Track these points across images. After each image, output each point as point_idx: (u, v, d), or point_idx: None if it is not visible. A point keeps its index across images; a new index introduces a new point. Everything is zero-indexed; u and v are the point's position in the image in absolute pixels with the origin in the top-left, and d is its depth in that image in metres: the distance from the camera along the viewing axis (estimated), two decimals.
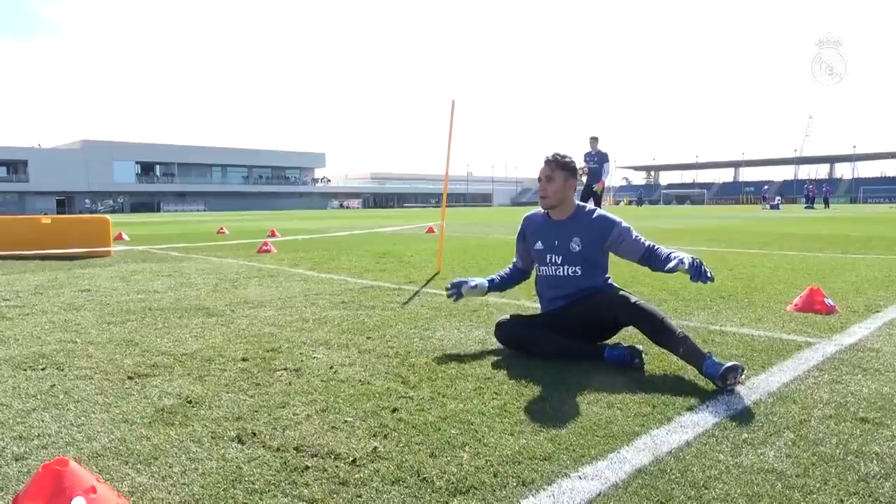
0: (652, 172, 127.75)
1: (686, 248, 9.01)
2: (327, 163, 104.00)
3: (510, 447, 1.98)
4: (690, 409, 2.33)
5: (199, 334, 3.67)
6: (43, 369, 2.95)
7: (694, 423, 2.19)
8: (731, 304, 4.51)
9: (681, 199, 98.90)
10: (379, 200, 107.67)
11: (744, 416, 2.25)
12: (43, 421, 2.26)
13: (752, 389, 2.55)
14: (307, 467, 1.84)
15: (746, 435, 2.07)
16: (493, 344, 3.35)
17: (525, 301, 4.74)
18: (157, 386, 2.67)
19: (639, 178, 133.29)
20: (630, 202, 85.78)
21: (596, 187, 12.60)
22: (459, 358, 3.08)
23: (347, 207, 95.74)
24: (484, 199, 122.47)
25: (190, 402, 2.45)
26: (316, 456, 1.92)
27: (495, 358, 3.08)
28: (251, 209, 75.82)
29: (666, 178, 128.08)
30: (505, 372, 2.83)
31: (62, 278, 6.36)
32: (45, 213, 42.96)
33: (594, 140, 12.73)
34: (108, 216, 9.48)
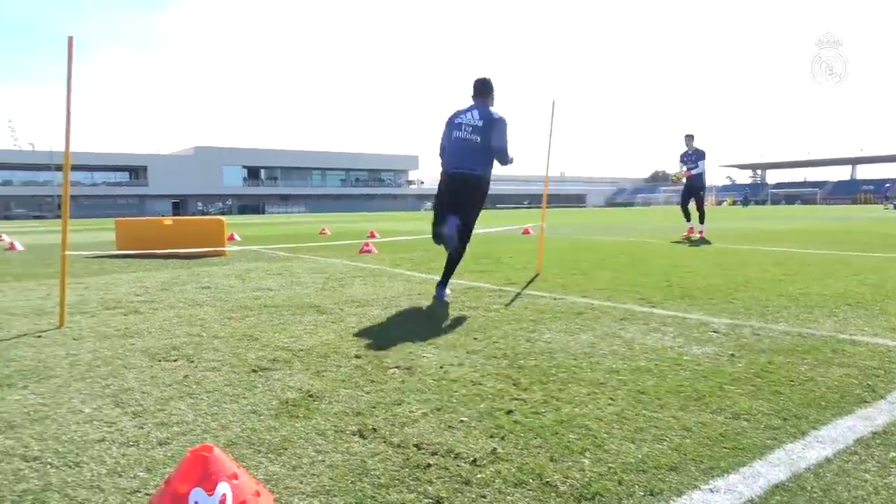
0: (758, 171, 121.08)
1: (803, 251, 8.46)
2: (421, 165, 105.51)
3: (633, 455, 1.93)
4: (825, 422, 2.18)
5: (313, 331, 3.82)
6: (175, 360, 3.17)
7: (832, 438, 2.04)
8: (860, 312, 4.18)
9: (790, 199, 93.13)
10: None
11: (888, 433, 2.08)
12: (180, 409, 2.42)
13: (895, 404, 2.35)
14: (429, 465, 1.87)
15: (894, 454, 1.91)
16: (602, 348, 3.28)
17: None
18: (279, 379, 2.79)
19: (744, 177, 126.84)
20: (734, 202, 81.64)
21: (681, 175, 12.17)
22: (568, 361, 3.04)
23: None
24: (578, 200, 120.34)
25: (311, 396, 2.55)
26: (436, 454, 1.95)
27: (606, 363, 3.01)
28: (348, 210, 78.31)
29: (774, 176, 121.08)
30: (618, 377, 2.76)
31: (184, 276, 6.81)
32: (162, 215, 46.25)
33: (690, 138, 12.24)
34: (222, 218, 10.07)
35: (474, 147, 5.15)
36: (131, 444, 2.07)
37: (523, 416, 2.27)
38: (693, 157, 12.11)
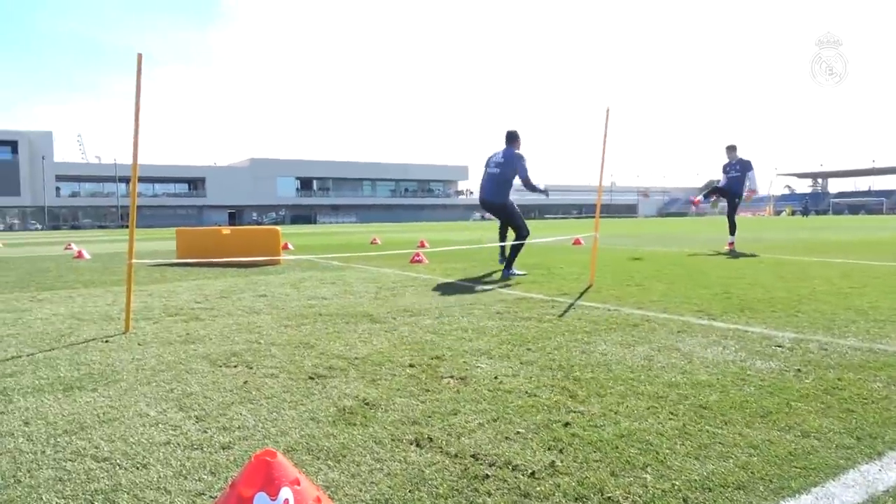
0: (819, 180, 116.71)
1: (870, 263, 8.10)
2: (470, 175, 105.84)
3: (697, 472, 1.87)
4: None
5: (367, 340, 3.86)
6: (235, 366, 3.25)
7: None
8: None
9: (854, 209, 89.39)
10: (522, 211, 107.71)
11: None
12: (241, 414, 2.48)
13: None
14: (487, 476, 1.85)
15: None
16: (660, 361, 3.20)
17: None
18: (335, 387, 2.83)
19: (803, 186, 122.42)
20: (793, 212, 78.82)
21: (745, 197, 11.77)
22: (626, 374, 2.98)
23: (489, 219, 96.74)
24: (628, 210, 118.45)
25: (367, 403, 2.57)
26: (493, 465, 1.93)
27: (665, 376, 2.93)
28: (398, 221, 79.13)
29: (835, 185, 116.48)
30: (678, 391, 2.69)
31: (241, 284, 6.99)
32: (219, 225, 47.65)
33: (732, 149, 11.88)
34: (277, 228, 10.31)
35: (497, 179, 7.56)
36: (195, 447, 2.13)
37: (581, 429, 2.23)
38: (737, 167, 11.75)
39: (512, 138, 7.73)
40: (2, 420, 2.44)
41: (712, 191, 12.56)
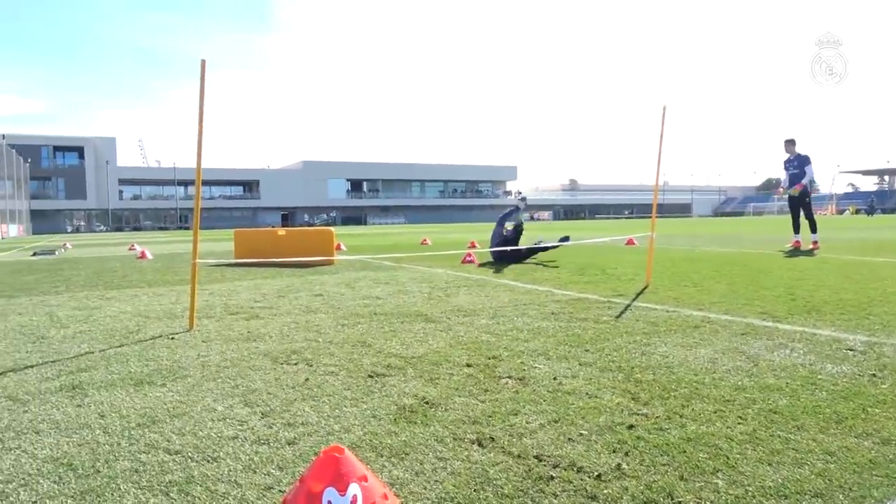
0: (885, 177, 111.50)
1: None
2: (518, 175, 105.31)
3: (770, 478, 1.81)
4: None
5: (423, 339, 3.88)
6: (295, 364, 3.31)
7: None
8: None
9: None
10: (570, 212, 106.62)
11: None
12: (304, 411, 2.52)
13: None
14: (552, 477, 1.83)
15: None
16: (725, 364, 3.11)
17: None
18: (394, 385, 2.85)
19: (869, 184, 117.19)
20: (857, 211, 75.50)
21: (792, 191, 11.34)
22: (689, 377, 2.90)
23: (538, 219, 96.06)
24: (682, 210, 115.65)
25: (427, 402, 2.58)
26: (558, 467, 1.91)
27: (731, 379, 2.85)
28: (447, 221, 79.37)
29: None
30: (745, 395, 2.61)
31: (298, 284, 7.13)
32: (272, 227, 48.77)
33: (790, 143, 11.45)
34: (331, 229, 10.47)
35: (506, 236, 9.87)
36: (262, 442, 2.18)
37: (646, 432, 2.18)
38: (795, 162, 11.34)
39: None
40: (79, 413, 2.55)
41: (794, 209, 11.99)
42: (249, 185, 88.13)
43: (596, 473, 1.86)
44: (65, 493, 1.81)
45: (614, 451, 2.02)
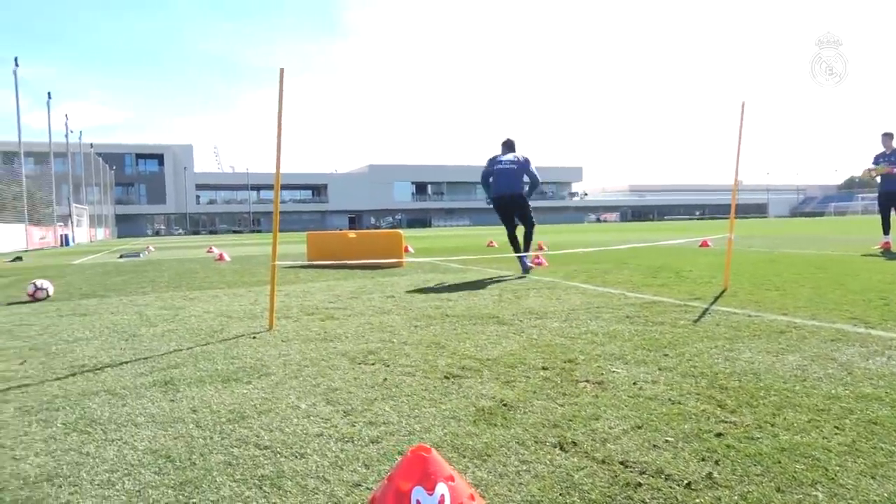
0: None
1: None
2: (584, 176, 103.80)
3: (875, 492, 1.71)
4: None
5: (496, 341, 3.87)
6: (373, 364, 3.37)
7: None
8: None
9: None
10: (637, 213, 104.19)
11: None
12: (385, 410, 2.56)
13: None
14: (640, 484, 1.80)
15: None
16: (815, 372, 2.97)
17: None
18: (471, 387, 2.86)
19: None
20: None
21: (877, 170, 10.69)
22: (778, 384, 2.78)
23: (604, 221, 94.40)
24: (758, 210, 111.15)
25: (505, 405, 2.58)
26: (645, 473, 1.87)
27: (823, 387, 2.72)
28: None
29: None
30: (841, 404, 2.48)
31: (369, 285, 7.25)
32: (340, 230, 49.83)
33: (888, 136, 10.77)
34: (400, 231, 10.62)
35: (516, 173, 8.22)
36: (346, 440, 2.23)
37: (736, 441, 2.11)
38: (893, 157, 10.67)
39: (512, 145, 8.67)
40: (173, 407, 2.68)
41: (884, 206, 11.29)
42: (318, 189, 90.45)
43: (685, 482, 1.81)
44: (165, 483, 1.90)
45: (703, 460, 1.96)
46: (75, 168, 41.85)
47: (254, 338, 4.20)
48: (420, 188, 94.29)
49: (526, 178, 8.42)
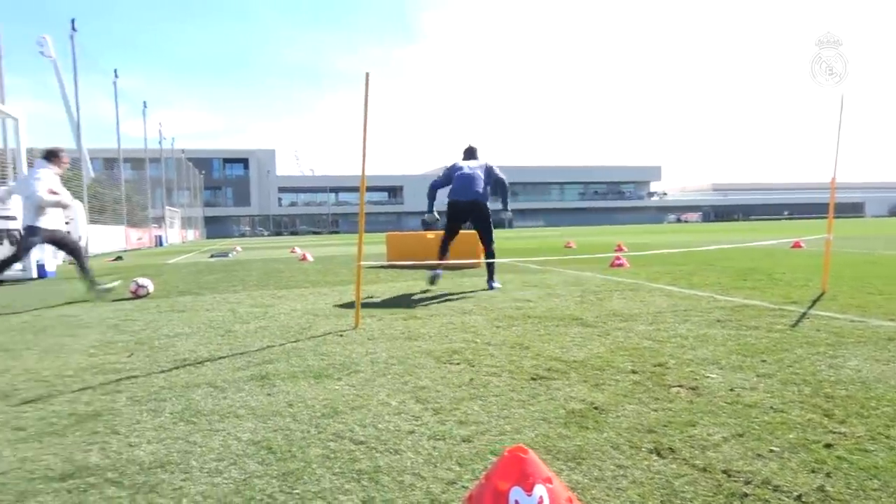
0: None
1: None
2: (662, 175, 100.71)
3: None
4: None
5: (581, 343, 3.82)
6: (458, 364, 3.39)
7: None
8: None
9: None
10: (721, 213, 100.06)
11: None
12: (474, 410, 2.58)
13: None
14: (746, 494, 1.73)
15: None
16: None
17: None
18: (559, 389, 2.83)
19: None
20: None
21: None
22: (890, 394, 2.61)
23: (685, 221, 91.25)
24: (853, 210, 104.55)
25: (596, 408, 2.53)
26: (750, 483, 1.80)
27: None
28: (587, 224, 77.71)
29: None
30: None
31: (448, 285, 7.30)
32: (414, 231, 50.43)
33: None
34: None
35: (482, 179, 7.03)
36: (438, 438, 2.25)
37: (848, 453, 1.99)
38: None
39: (474, 152, 7.62)
40: (270, 401, 2.78)
41: None
42: (394, 191, 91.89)
43: (796, 494, 1.72)
44: (269, 473, 1.99)
45: (813, 472, 1.87)
46: (168, 172, 44.23)
47: (340, 335, 4.31)
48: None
49: (504, 193, 7.24)
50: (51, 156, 6.72)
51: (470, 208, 6.95)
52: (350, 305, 5.73)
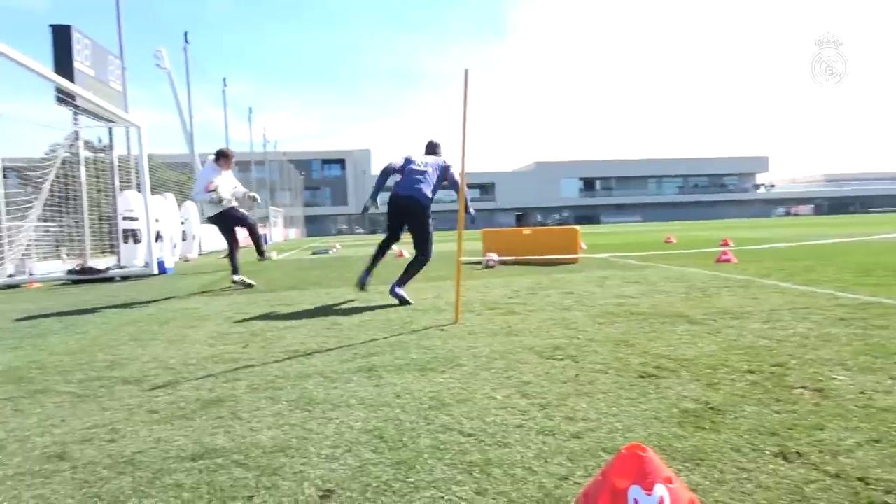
0: None
1: None
2: (770, 166, 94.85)
3: None
4: None
5: (690, 341, 3.67)
6: (561, 360, 3.35)
7: None
8: None
9: None
10: (835, 206, 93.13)
11: None
12: (581, 406, 2.53)
13: None
14: None
15: None
16: None
17: None
18: (670, 388, 2.73)
19: None
20: None
21: None
22: None
23: (795, 215, 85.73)
24: None
25: (712, 408, 2.43)
26: (892, 493, 1.67)
27: None
28: (686, 219, 74.66)
29: None
30: None
31: (545, 281, 7.23)
32: (505, 227, 50.33)
33: None
34: (576, 227, 10.45)
35: (430, 180, 5.94)
36: (547, 433, 2.23)
37: None
38: None
39: (436, 149, 6.34)
40: (378, 392, 2.86)
41: None
42: (486, 188, 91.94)
43: None
44: (382, 461, 2.04)
45: None
46: (271, 174, 46.40)
47: (442, 330, 4.36)
48: (588, 184, 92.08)
49: (468, 194, 6.08)
50: (219, 156, 7.91)
51: (406, 206, 5.93)
52: (449, 301, 5.79)
